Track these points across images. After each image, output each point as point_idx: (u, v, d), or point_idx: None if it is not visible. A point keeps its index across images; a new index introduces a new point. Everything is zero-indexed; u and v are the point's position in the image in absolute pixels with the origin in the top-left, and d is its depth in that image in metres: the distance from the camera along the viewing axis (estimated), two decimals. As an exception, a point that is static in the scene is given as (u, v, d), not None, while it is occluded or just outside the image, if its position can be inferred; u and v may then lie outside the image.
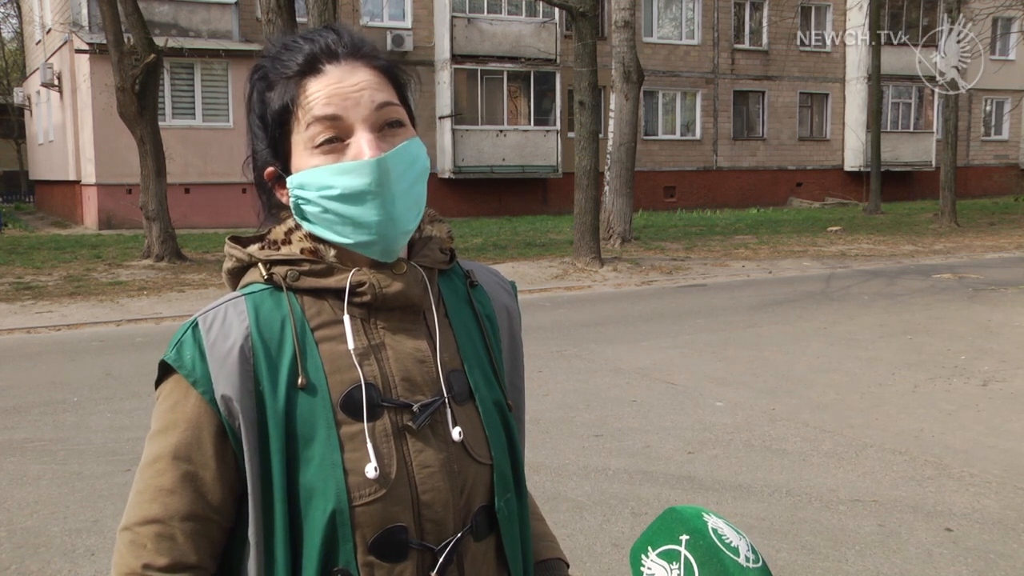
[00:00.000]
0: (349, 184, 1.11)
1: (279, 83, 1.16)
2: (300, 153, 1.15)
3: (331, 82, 1.14)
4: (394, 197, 1.13)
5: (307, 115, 1.13)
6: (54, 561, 4.00)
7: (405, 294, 1.17)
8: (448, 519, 1.14)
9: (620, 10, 16.28)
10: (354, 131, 1.13)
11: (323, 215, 1.14)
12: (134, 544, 1.11)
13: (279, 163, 1.18)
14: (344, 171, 1.11)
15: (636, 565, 1.19)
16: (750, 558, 1.13)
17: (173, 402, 1.13)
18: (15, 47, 40.41)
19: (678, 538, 1.15)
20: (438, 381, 1.17)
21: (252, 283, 1.19)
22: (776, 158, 30.23)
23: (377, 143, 1.12)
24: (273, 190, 1.22)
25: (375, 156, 1.11)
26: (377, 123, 1.14)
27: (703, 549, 1.12)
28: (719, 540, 1.13)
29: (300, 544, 1.11)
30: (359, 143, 1.12)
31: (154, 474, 1.12)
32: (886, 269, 14.36)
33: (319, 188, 1.13)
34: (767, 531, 4.24)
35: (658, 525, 1.19)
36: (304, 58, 1.15)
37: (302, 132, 1.14)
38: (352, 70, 1.15)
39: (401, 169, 1.14)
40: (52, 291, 12.12)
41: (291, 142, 1.16)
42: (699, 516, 1.17)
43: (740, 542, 1.15)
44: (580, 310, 10.87)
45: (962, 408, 6.37)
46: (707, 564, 1.11)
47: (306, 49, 1.16)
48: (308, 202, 1.15)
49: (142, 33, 14.09)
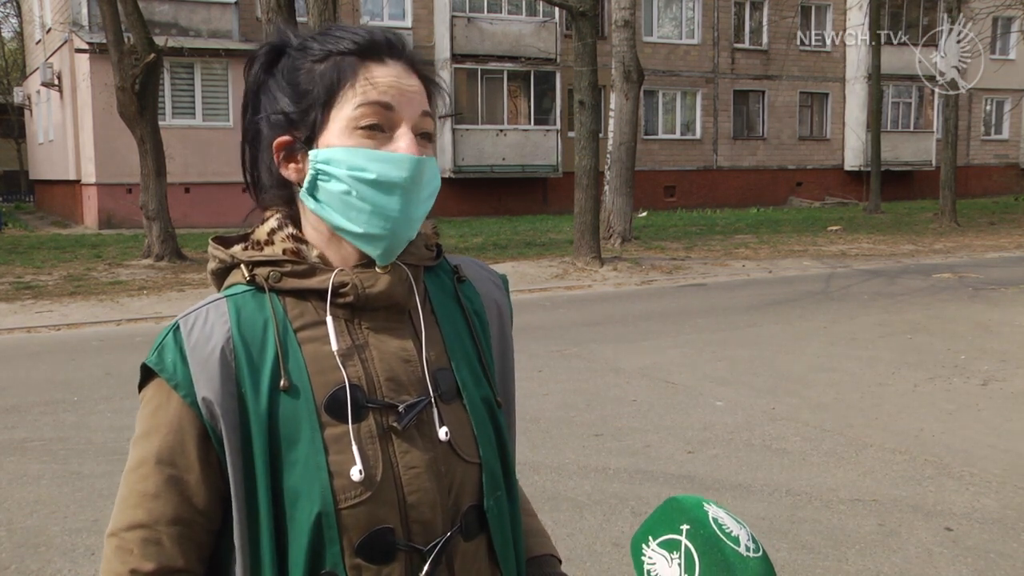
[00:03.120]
0: (386, 173, 1.11)
1: (332, 56, 1.15)
2: (338, 130, 1.13)
3: (393, 73, 1.15)
4: (418, 200, 1.14)
5: (365, 94, 1.12)
6: (54, 560, 4.00)
7: (388, 294, 1.16)
8: (436, 519, 1.14)
9: (620, 9, 16.28)
10: (399, 126, 1.13)
11: (344, 196, 1.12)
12: (121, 549, 1.10)
13: (301, 134, 1.15)
14: (385, 159, 1.12)
15: (637, 555, 1.19)
16: (750, 547, 1.13)
17: (155, 406, 1.13)
18: (15, 46, 40.40)
19: (679, 528, 1.15)
20: (424, 380, 1.16)
21: (235, 284, 1.18)
22: (776, 158, 30.23)
23: (417, 145, 1.14)
24: (277, 162, 1.18)
25: (417, 155, 1.12)
26: (418, 128, 1.15)
27: (704, 539, 1.13)
28: (719, 530, 1.13)
29: (286, 547, 1.10)
30: (404, 138, 1.13)
31: (138, 479, 1.11)
32: (886, 269, 14.35)
33: (352, 167, 1.11)
34: (767, 530, 4.24)
35: (659, 515, 1.19)
36: (367, 41, 1.15)
37: (346, 110, 1.13)
38: (407, 72, 1.17)
39: (428, 178, 1.15)
40: (52, 291, 12.12)
41: (329, 117, 1.14)
42: (700, 506, 1.17)
43: (740, 531, 1.15)
44: (580, 310, 10.86)
45: (962, 408, 6.36)
46: (708, 553, 1.11)
47: (366, 35, 1.16)
48: (331, 179, 1.13)
49: (142, 33, 14.09)
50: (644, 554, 1.18)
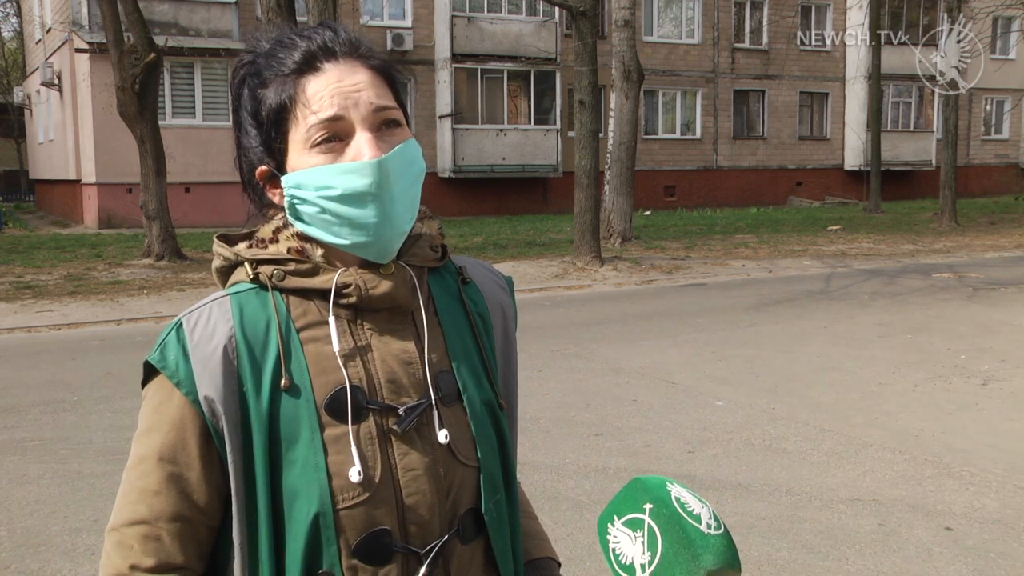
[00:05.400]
0: (349, 184, 1.10)
1: (275, 80, 1.14)
2: (297, 152, 1.13)
3: (331, 81, 1.12)
4: (393, 198, 1.12)
5: (307, 114, 1.11)
6: (54, 560, 4.00)
7: (392, 295, 1.15)
8: (434, 522, 1.14)
9: (620, 9, 16.28)
10: (353, 131, 1.11)
11: (320, 215, 1.12)
12: (121, 545, 1.11)
13: (273, 161, 1.16)
14: (345, 171, 1.10)
15: (603, 534, 1.21)
16: (712, 525, 1.16)
17: (157, 403, 1.13)
18: (15, 46, 40.40)
19: (642, 507, 1.18)
20: (425, 383, 1.16)
21: (238, 282, 1.18)
22: (776, 157, 30.23)
23: (376, 143, 1.11)
24: (264, 189, 1.19)
25: (375, 157, 1.10)
26: (375, 123, 1.13)
27: (666, 517, 1.15)
28: (682, 508, 1.16)
29: (284, 546, 1.10)
30: (359, 143, 1.11)
31: (139, 475, 1.12)
32: (886, 268, 14.35)
33: (318, 188, 1.11)
34: (767, 530, 4.24)
35: (623, 495, 1.22)
36: (302, 55, 1.14)
37: (300, 131, 1.12)
38: (351, 69, 1.14)
39: (400, 170, 1.13)
40: (52, 290, 12.12)
41: (287, 141, 1.14)
42: (663, 486, 1.19)
43: (702, 510, 1.17)
44: (580, 309, 10.86)
45: (962, 407, 6.36)
46: (670, 531, 1.14)
47: (303, 46, 1.14)
48: (304, 202, 1.13)
49: (142, 32, 14.09)
50: (609, 533, 1.20)
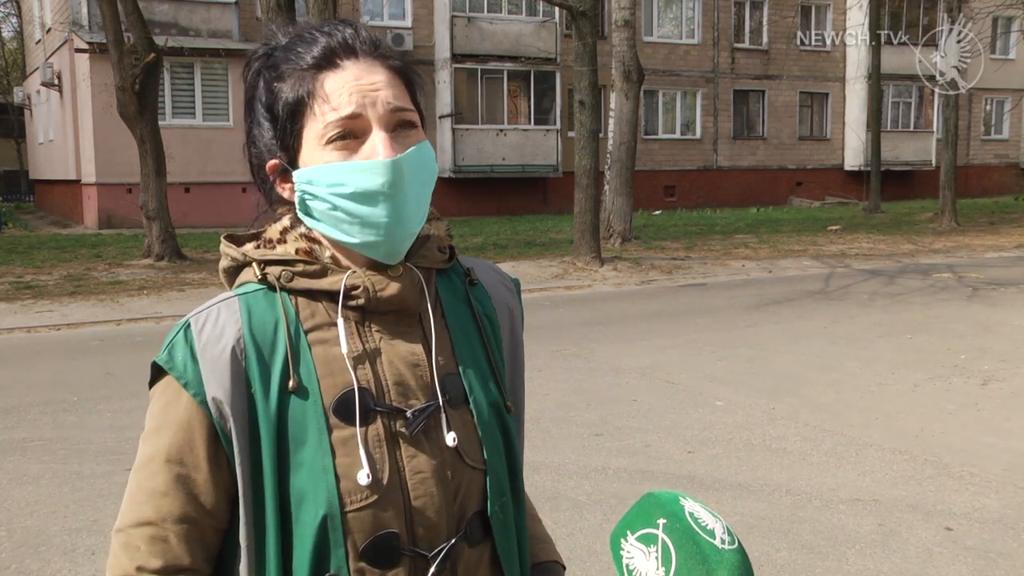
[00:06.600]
0: (362, 183, 1.10)
1: (292, 74, 1.14)
2: (311, 147, 1.13)
3: (350, 79, 1.12)
4: (406, 199, 1.11)
5: (325, 110, 1.11)
6: (54, 560, 4.00)
7: (400, 298, 1.15)
8: (441, 525, 1.13)
9: (620, 9, 16.27)
10: (370, 129, 1.11)
11: (331, 212, 1.12)
12: (128, 546, 1.11)
13: (285, 155, 1.16)
14: (359, 169, 1.10)
15: (616, 549, 1.21)
16: (726, 540, 1.15)
17: (165, 403, 1.13)
18: (15, 46, 40.39)
19: (656, 522, 1.17)
20: (433, 385, 1.16)
21: (246, 283, 1.17)
22: (776, 157, 30.23)
23: (392, 144, 1.11)
24: (274, 184, 1.19)
25: (391, 157, 1.10)
26: (392, 123, 1.12)
27: (680, 532, 1.15)
28: (695, 523, 1.15)
29: (291, 548, 1.10)
30: (375, 142, 1.10)
31: (147, 476, 1.12)
32: (886, 268, 14.35)
33: (330, 184, 1.11)
34: (767, 530, 4.24)
35: (637, 510, 1.21)
36: (321, 51, 1.13)
37: (316, 127, 1.12)
38: (370, 68, 1.13)
39: (414, 171, 1.12)
40: (52, 290, 12.12)
41: (302, 136, 1.14)
42: (676, 500, 1.19)
43: (716, 525, 1.17)
44: (580, 309, 10.86)
45: (962, 407, 6.37)
46: (684, 546, 1.13)
47: (323, 42, 1.14)
48: (316, 198, 1.13)
49: (142, 32, 14.09)
50: (622, 548, 1.20)
